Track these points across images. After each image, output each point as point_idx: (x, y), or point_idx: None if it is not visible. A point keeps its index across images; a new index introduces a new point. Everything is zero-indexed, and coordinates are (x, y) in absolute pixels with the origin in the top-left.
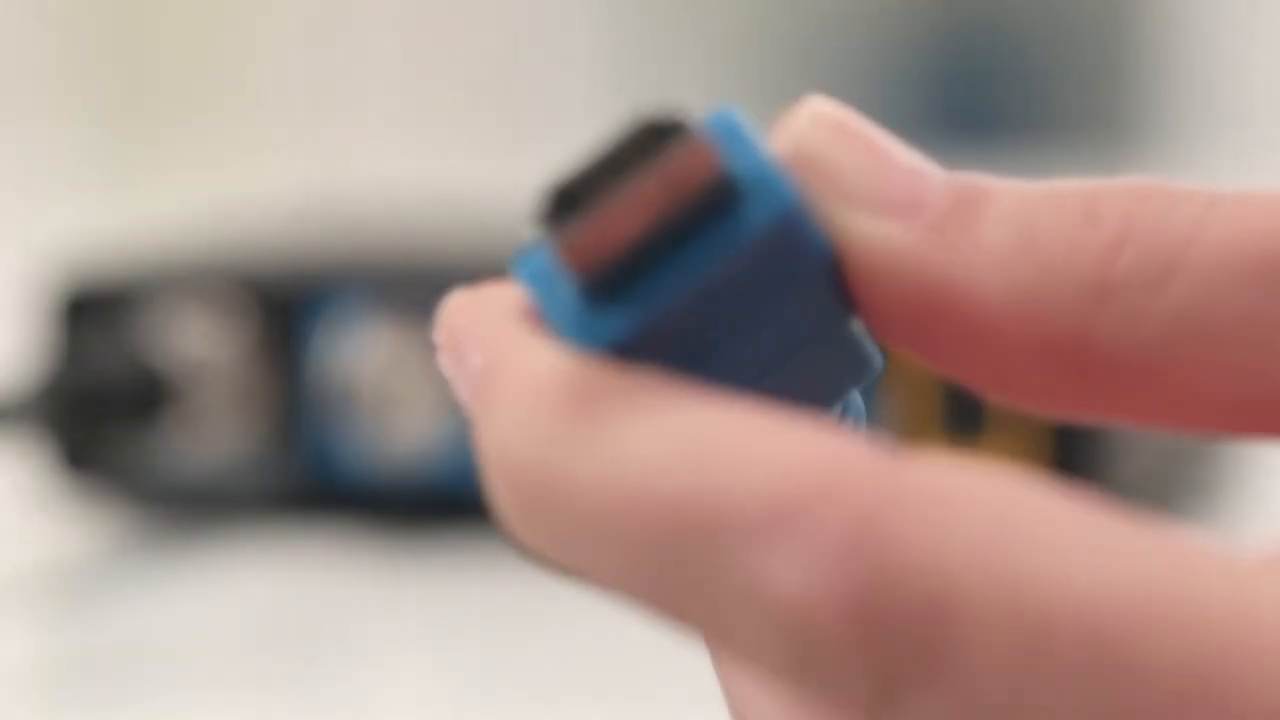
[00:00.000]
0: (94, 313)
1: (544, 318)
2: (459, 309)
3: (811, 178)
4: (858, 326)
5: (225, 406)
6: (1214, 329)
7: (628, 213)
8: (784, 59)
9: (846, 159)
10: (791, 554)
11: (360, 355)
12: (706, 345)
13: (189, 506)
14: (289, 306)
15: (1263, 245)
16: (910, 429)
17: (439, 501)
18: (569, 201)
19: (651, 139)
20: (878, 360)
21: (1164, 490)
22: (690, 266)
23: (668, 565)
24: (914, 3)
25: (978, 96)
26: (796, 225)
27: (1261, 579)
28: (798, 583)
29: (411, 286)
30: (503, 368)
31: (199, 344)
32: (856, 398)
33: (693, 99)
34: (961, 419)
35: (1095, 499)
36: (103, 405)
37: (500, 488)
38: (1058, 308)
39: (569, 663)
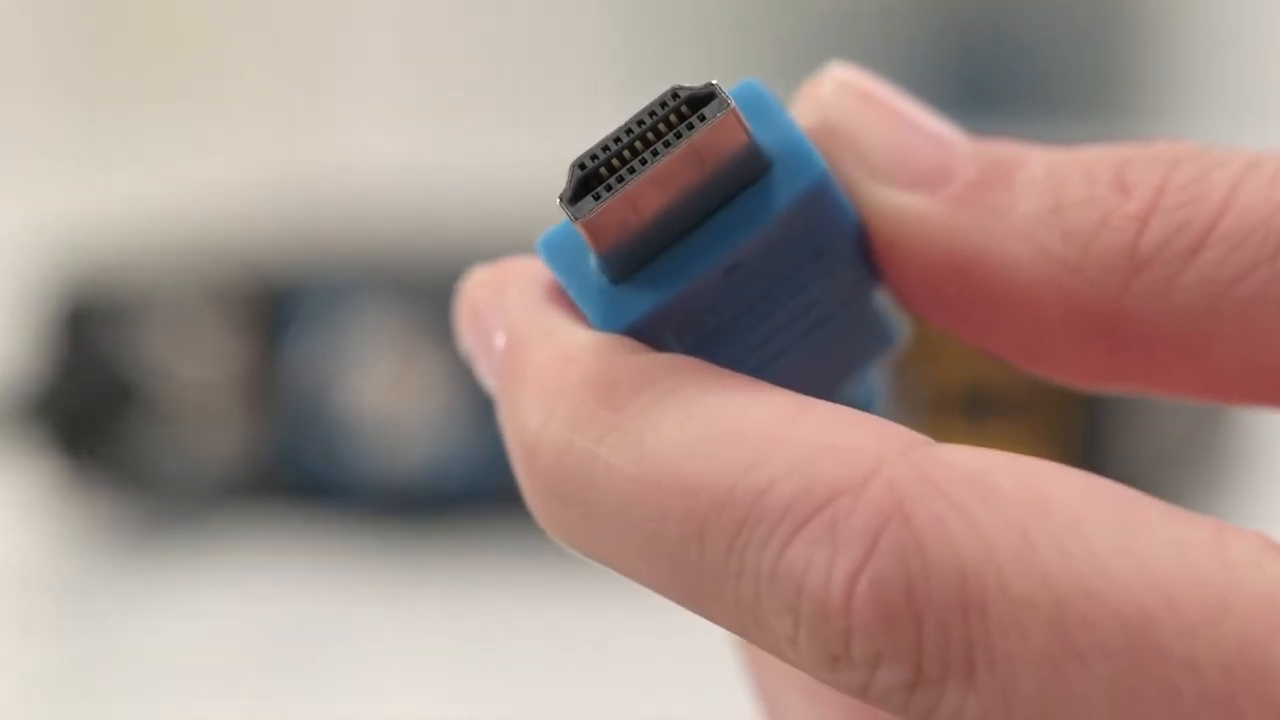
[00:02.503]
0: (87, 313)
1: (568, 294)
2: (481, 285)
3: (837, 149)
4: (882, 298)
5: (218, 407)
6: (1247, 298)
7: (653, 188)
8: (796, 30)
9: (872, 129)
10: (821, 544)
11: (354, 356)
12: (732, 319)
13: (181, 506)
14: (279, 306)
15: None
16: (926, 409)
17: (434, 501)
18: (594, 177)
19: (678, 112)
20: (900, 332)
21: (1178, 471)
22: (717, 241)
23: (695, 554)
24: None
25: (988, 71)
26: (825, 198)
27: None
28: (828, 574)
29: (406, 281)
30: (528, 349)
31: (191, 346)
32: (876, 373)
33: (706, 73)
34: (973, 403)
35: (1127, 486)
36: (97, 406)
37: (526, 473)
38: (1088, 278)
39: (564, 667)
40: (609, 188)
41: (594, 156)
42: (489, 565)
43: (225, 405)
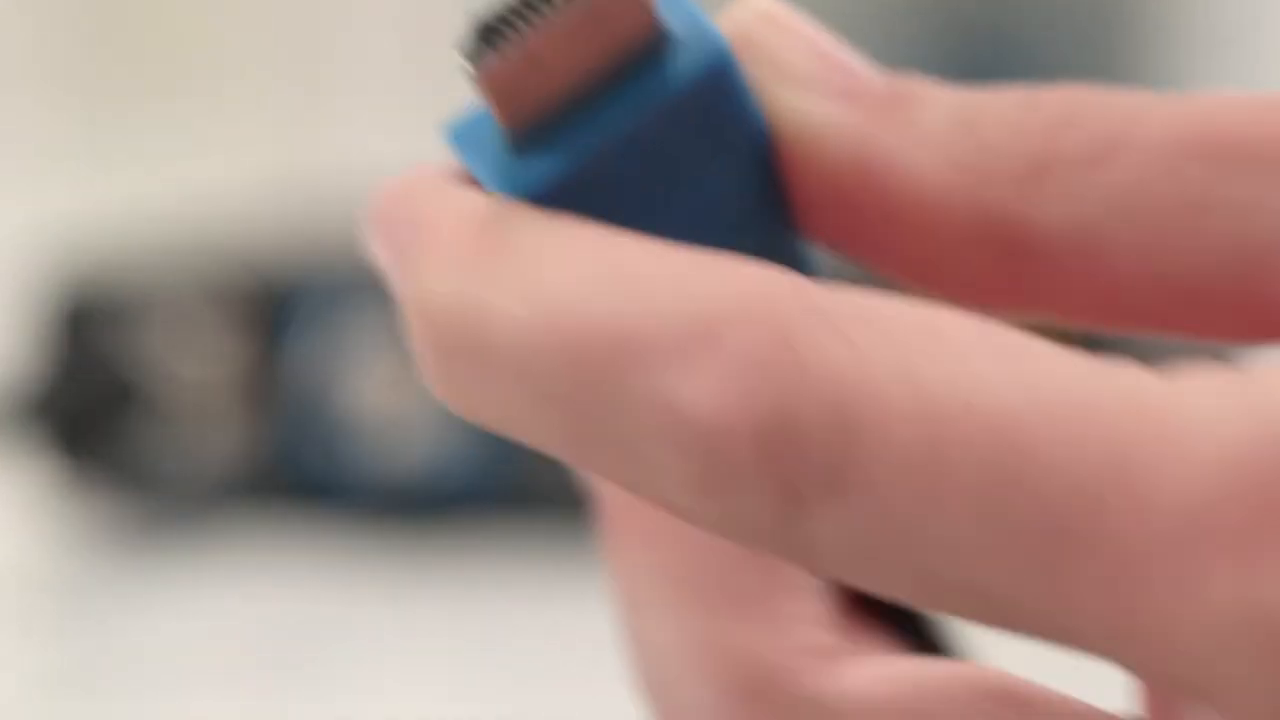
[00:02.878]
0: (87, 313)
1: (472, 174)
2: (389, 193)
3: (753, 56)
4: (794, 233)
5: (218, 407)
6: (1154, 208)
7: (554, 49)
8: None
9: (789, 45)
10: (704, 374)
11: (354, 356)
12: (634, 207)
13: (181, 506)
14: (279, 306)
15: (1207, 126)
16: None
17: (434, 501)
18: (494, 34)
19: None
20: (814, 268)
21: None
22: (619, 115)
23: (582, 395)
24: None
25: (988, 71)
26: (728, 79)
27: (1178, 389)
28: (707, 402)
29: None
30: (432, 224)
31: (191, 346)
32: None
33: None
34: None
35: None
36: (97, 406)
37: (419, 333)
38: (995, 184)
39: (564, 667)
40: (507, 44)
41: (496, 15)
42: (489, 565)
43: (225, 405)
